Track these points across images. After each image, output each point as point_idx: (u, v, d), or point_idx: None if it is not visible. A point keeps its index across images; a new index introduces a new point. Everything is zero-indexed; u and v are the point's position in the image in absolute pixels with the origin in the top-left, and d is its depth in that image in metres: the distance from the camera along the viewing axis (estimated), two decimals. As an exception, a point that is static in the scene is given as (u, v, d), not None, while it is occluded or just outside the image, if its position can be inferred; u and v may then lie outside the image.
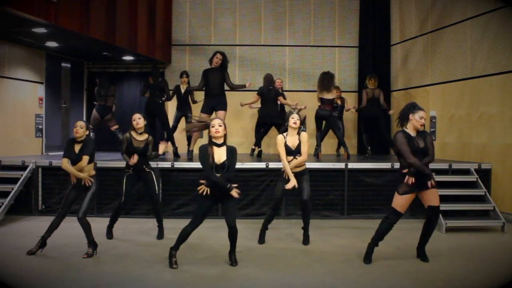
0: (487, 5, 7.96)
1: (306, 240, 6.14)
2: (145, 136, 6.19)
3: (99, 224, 7.22)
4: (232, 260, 5.09)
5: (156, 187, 6.32)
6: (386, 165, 7.99)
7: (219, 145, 4.92)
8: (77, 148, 5.50)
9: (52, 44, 9.22)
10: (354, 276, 4.82)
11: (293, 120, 5.93)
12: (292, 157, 5.90)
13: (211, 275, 4.76)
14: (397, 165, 7.90)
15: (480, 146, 8.12)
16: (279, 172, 6.18)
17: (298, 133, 5.97)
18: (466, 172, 7.74)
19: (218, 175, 4.82)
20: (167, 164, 7.79)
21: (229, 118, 8.18)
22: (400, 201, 5.16)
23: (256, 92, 9.28)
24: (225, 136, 4.96)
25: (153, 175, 6.28)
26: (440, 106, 8.96)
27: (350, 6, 11.49)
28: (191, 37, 11.51)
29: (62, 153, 5.59)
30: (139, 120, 6.15)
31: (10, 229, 6.89)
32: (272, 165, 7.83)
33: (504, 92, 7.64)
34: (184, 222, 4.90)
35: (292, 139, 5.94)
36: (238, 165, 7.67)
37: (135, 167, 6.17)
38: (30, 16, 6.73)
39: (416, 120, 5.11)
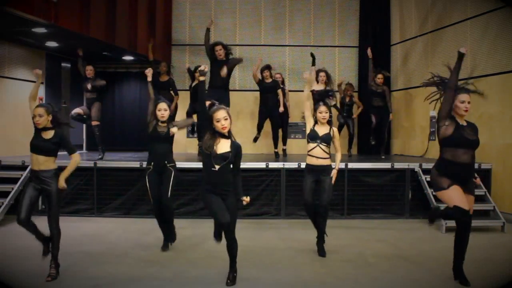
0: (487, 5, 7.96)
1: (321, 250, 5.52)
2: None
3: (99, 224, 7.25)
4: (230, 278, 4.56)
5: (170, 189, 5.64)
6: (386, 165, 7.99)
7: (223, 136, 4.50)
8: (44, 135, 4.75)
9: (52, 44, 9.21)
10: (354, 276, 4.82)
11: (322, 115, 5.41)
12: (315, 144, 5.39)
13: (211, 275, 4.75)
14: (397, 165, 7.96)
15: (480, 146, 8.03)
16: (302, 172, 5.67)
17: (329, 123, 5.49)
18: (466, 172, 7.72)
19: (217, 166, 4.37)
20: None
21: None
22: (455, 196, 4.44)
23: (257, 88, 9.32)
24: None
25: (172, 175, 5.66)
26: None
27: (350, 6, 11.48)
28: (191, 37, 11.51)
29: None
30: (164, 112, 5.61)
31: (10, 229, 6.87)
32: (272, 165, 7.83)
33: (504, 92, 7.64)
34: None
35: (321, 128, 5.45)
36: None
37: (155, 162, 5.65)
38: (30, 16, 6.72)
39: (457, 106, 4.49)
